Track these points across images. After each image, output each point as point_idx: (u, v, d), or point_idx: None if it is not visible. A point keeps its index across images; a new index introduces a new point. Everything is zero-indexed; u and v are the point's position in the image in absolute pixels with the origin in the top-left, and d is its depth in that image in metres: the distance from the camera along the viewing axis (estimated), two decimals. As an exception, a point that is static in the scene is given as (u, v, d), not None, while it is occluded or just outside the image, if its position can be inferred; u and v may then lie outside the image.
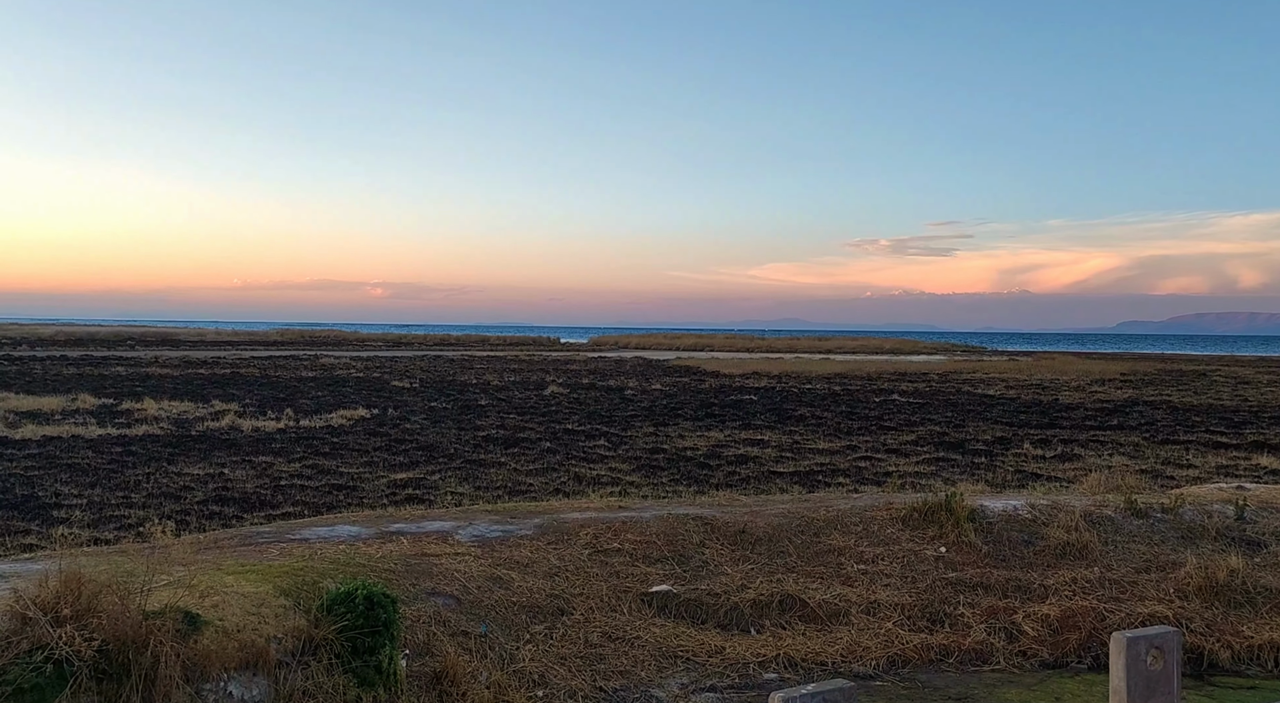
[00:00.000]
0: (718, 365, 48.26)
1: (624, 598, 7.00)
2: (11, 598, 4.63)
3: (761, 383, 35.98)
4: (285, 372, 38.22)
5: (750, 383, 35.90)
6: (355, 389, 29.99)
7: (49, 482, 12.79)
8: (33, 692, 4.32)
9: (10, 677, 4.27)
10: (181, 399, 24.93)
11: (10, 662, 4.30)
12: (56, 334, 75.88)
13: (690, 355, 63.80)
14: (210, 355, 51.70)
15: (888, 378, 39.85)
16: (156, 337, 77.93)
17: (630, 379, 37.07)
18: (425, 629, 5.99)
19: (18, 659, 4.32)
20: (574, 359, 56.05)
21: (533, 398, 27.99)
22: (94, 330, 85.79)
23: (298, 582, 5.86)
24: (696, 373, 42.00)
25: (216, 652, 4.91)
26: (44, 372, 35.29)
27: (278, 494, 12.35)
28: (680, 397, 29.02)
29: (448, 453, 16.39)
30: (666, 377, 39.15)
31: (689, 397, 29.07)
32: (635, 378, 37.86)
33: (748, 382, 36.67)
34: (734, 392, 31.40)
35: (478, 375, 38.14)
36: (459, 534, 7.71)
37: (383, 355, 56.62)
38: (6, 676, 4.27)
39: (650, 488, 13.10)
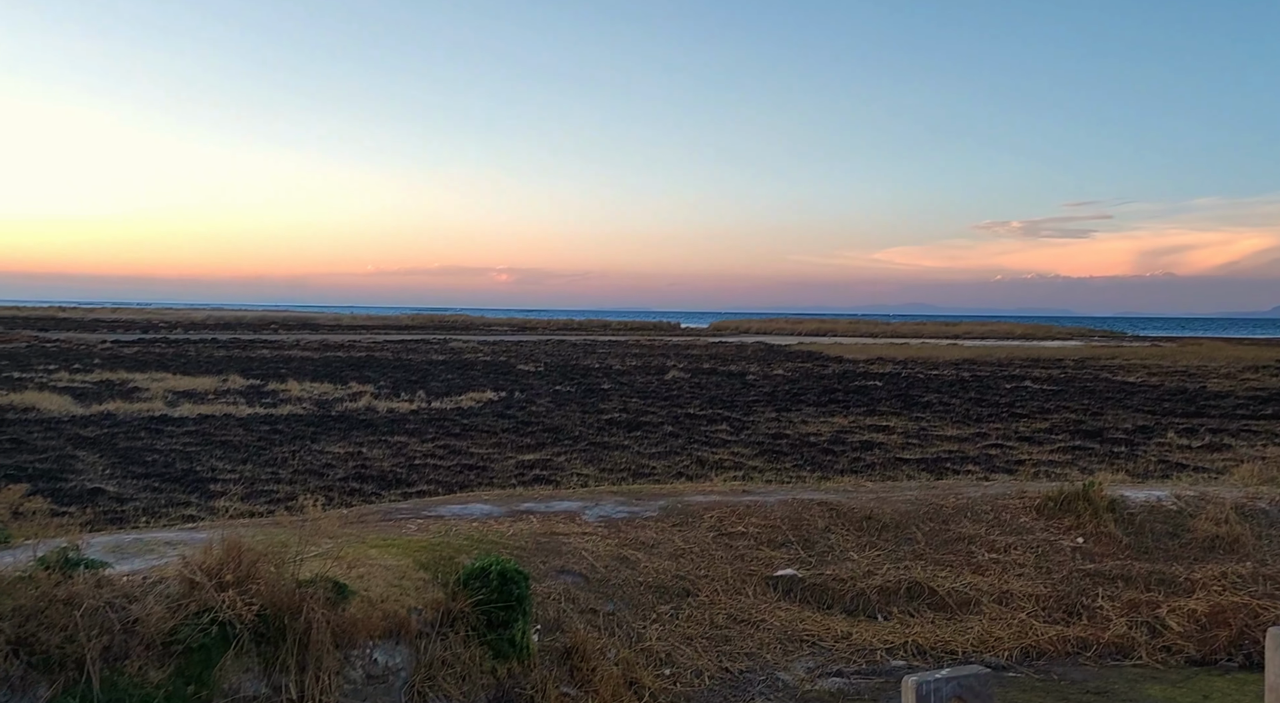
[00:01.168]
0: (841, 350, 47.57)
1: (749, 581, 7.03)
2: (180, 564, 4.98)
3: (886, 369, 35.30)
4: (416, 355, 39.56)
5: (874, 368, 35.26)
6: (483, 373, 30.82)
7: (205, 457, 13.64)
8: (200, 650, 4.65)
9: (181, 636, 4.61)
10: (321, 381, 26.11)
11: (181, 622, 4.64)
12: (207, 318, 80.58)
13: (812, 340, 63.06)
14: (346, 339, 53.96)
15: (1019, 364, 38.50)
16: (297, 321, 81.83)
17: (751, 364, 36.91)
18: (555, 606, 6.16)
19: (187, 620, 4.66)
20: (694, 344, 56.14)
21: (654, 382, 28.19)
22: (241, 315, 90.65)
23: (435, 556, 6.10)
24: (819, 358, 41.51)
25: (363, 620, 5.18)
26: (197, 354, 37.51)
27: (412, 473, 12.84)
28: (802, 382, 28.75)
29: (573, 435, 16.71)
30: (788, 362, 38.82)
31: (811, 382, 28.78)
32: (756, 363, 37.68)
33: (872, 367, 36.02)
34: (858, 377, 30.91)
35: (600, 360, 38.64)
36: (586, 514, 7.87)
37: (508, 340, 57.95)
38: (178, 635, 4.61)
39: (773, 473, 13.06)
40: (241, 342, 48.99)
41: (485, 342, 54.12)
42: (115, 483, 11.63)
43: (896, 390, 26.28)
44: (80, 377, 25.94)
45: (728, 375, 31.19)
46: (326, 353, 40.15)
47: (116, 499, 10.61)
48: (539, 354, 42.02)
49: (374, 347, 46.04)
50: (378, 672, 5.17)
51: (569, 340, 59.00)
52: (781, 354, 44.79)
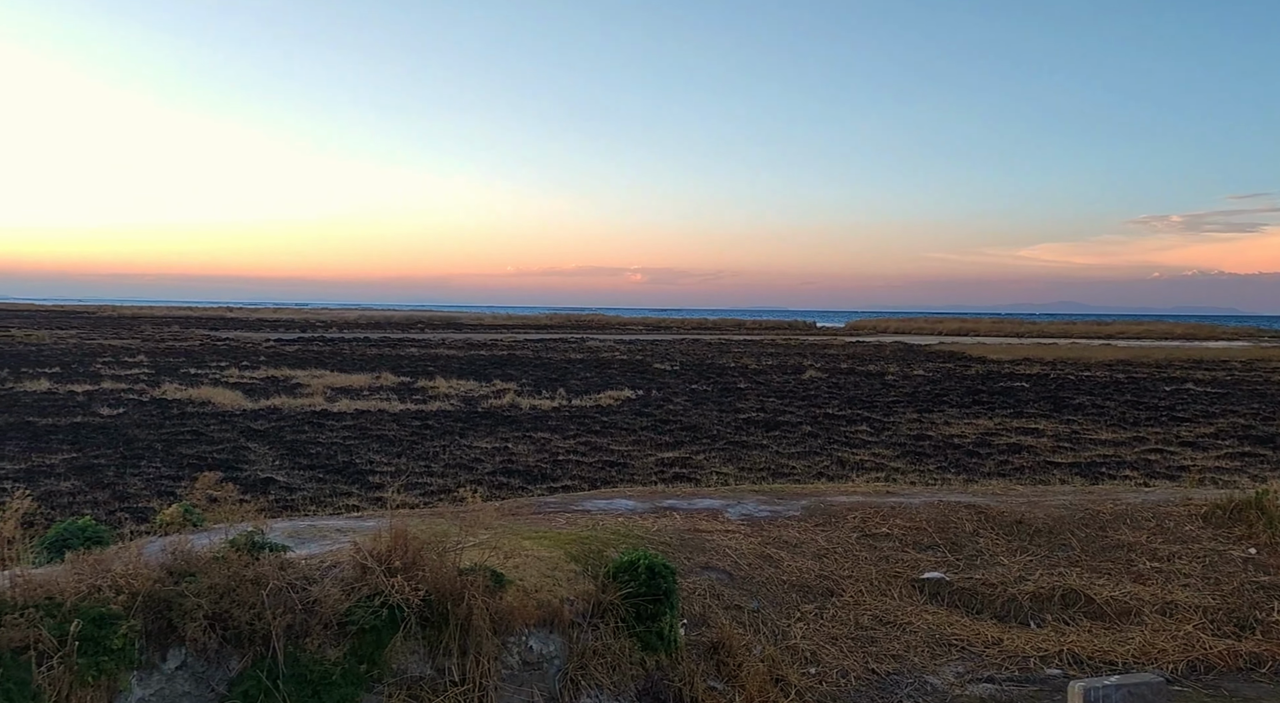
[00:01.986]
0: (984, 351, 46.04)
1: (894, 583, 6.97)
2: (352, 550, 5.31)
3: (1034, 370, 33.99)
4: (555, 354, 40.43)
5: (1021, 369, 34.00)
6: (620, 371, 31.26)
7: (363, 450, 14.37)
8: (372, 632, 4.95)
9: (355, 617, 4.92)
10: (467, 378, 27.04)
11: (354, 604, 4.96)
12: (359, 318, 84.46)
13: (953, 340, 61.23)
14: (489, 338, 55.60)
15: (1180, 365, 36.41)
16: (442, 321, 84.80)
17: (890, 364, 36.17)
18: (701, 601, 6.26)
19: (360, 603, 4.98)
20: (831, 344, 55.36)
21: (791, 382, 27.99)
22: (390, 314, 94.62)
23: (584, 549, 6.29)
24: (961, 358, 40.30)
25: (518, 609, 5.40)
26: (351, 352, 39.39)
27: (556, 468, 13.19)
28: (944, 383, 28.00)
29: (710, 434, 16.80)
30: (928, 362, 37.86)
31: (954, 383, 28.00)
32: (895, 363, 36.90)
33: (1018, 368, 34.74)
34: (1003, 378, 29.88)
35: (735, 359, 38.59)
36: (728, 512, 7.95)
37: (644, 339, 58.49)
38: (352, 616, 4.93)
39: (916, 474, 12.82)
40: (391, 340, 51.12)
41: (621, 341, 54.80)
42: (284, 473, 12.40)
43: (1045, 392, 25.29)
44: (248, 373, 27.65)
45: (866, 375, 30.66)
46: (470, 351, 41.49)
47: (286, 488, 11.32)
48: (674, 353, 42.29)
49: (515, 345, 47.30)
50: (533, 659, 5.38)
51: (703, 340, 59.12)
52: (921, 354, 43.68)
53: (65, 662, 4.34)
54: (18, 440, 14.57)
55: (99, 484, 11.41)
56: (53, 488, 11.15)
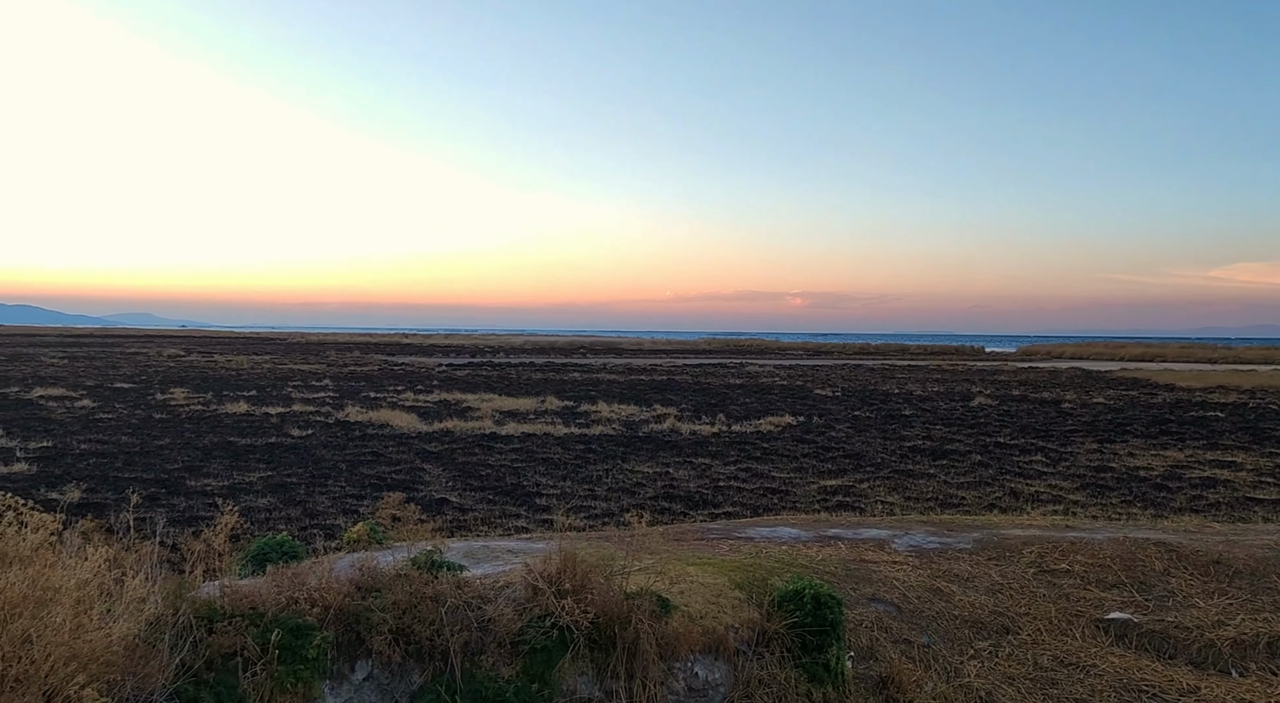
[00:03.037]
0: (1172, 377, 43.15)
1: (1075, 622, 6.63)
2: (524, 571, 5.50)
3: (1230, 398, 31.59)
4: (714, 379, 40.49)
5: (1215, 398, 31.67)
6: (780, 397, 30.99)
7: (530, 473, 14.81)
8: (543, 652, 5.11)
9: (527, 637, 5.10)
10: (627, 403, 27.44)
11: (526, 624, 5.13)
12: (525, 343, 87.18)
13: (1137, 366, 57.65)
14: (648, 363, 56.24)
15: (1404, 392, 33.06)
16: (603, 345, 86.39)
17: (1067, 391, 34.40)
18: (868, 634, 6.14)
19: (531, 623, 5.15)
20: (1001, 369, 53.14)
21: (959, 409, 27.04)
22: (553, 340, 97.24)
23: (748, 577, 6.29)
24: (1146, 385, 37.90)
25: (684, 634, 5.45)
26: (518, 376, 40.66)
27: (717, 494, 13.21)
28: (1127, 411, 26.41)
29: (874, 462, 16.43)
30: (1109, 389, 35.78)
31: (1138, 411, 26.36)
32: (1072, 390, 35.06)
33: (1211, 396, 32.37)
34: (1194, 407, 27.91)
35: (899, 385, 37.61)
36: (895, 543, 7.76)
37: (804, 364, 57.81)
38: (524, 636, 5.10)
39: (1098, 508, 12.15)
40: (555, 365, 52.47)
41: (781, 366, 54.34)
42: (457, 494, 12.92)
43: (1243, 423, 23.46)
44: (423, 397, 28.97)
45: (1040, 403, 29.27)
46: (631, 376, 42.08)
47: (459, 509, 11.79)
48: (836, 379, 41.58)
49: (674, 370, 47.64)
50: (698, 685, 5.41)
51: (866, 365, 57.87)
52: (1101, 381, 41.34)
53: (267, 668, 4.67)
54: (221, 459, 15.77)
55: (291, 502, 12.21)
56: (251, 504, 12.00)
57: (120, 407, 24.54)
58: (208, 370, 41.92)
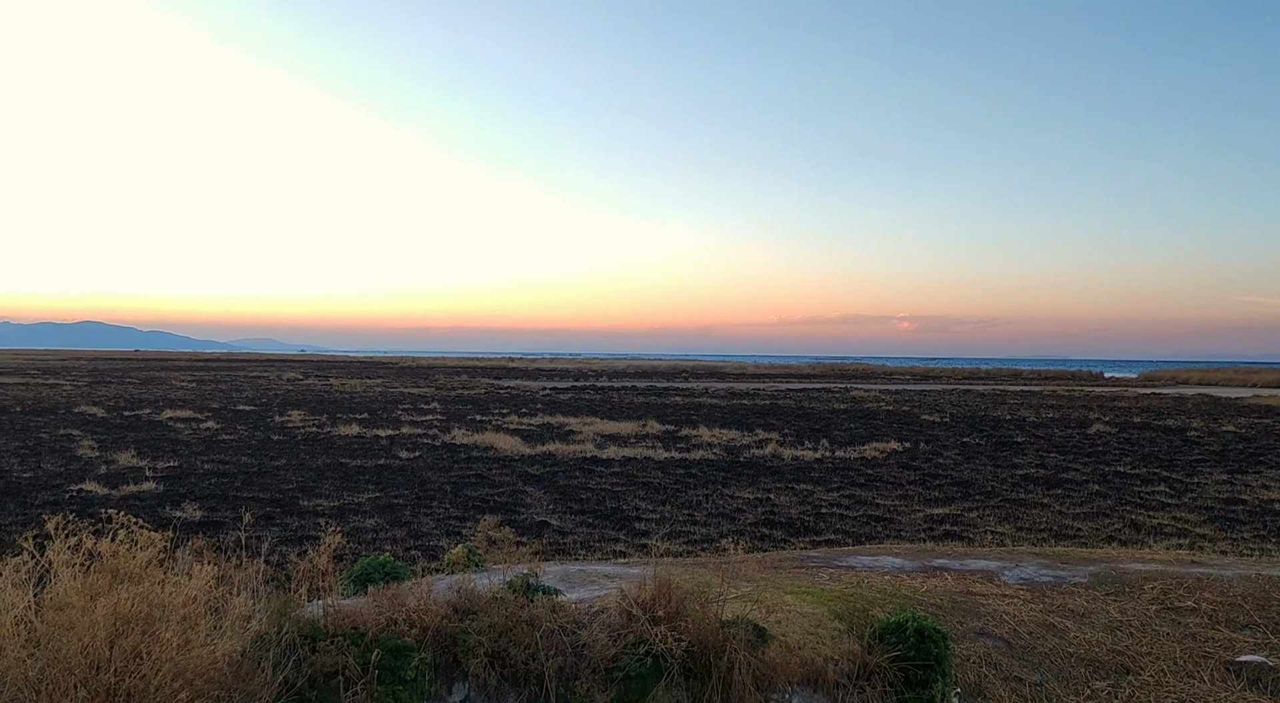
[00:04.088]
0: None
1: (1202, 664, 6.23)
2: (618, 596, 5.47)
3: (1376, 424, 29.53)
4: (818, 404, 39.91)
5: (1360, 423, 29.64)
6: (886, 422, 30.33)
7: (629, 497, 14.81)
8: (637, 679, 5.06)
9: (621, 663, 5.05)
10: (729, 428, 27.25)
11: (621, 651, 5.09)
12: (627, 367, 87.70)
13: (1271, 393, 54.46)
14: (750, 387, 55.84)
15: None
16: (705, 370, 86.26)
17: (1193, 419, 32.71)
18: (975, 670, 5.89)
19: (625, 650, 5.10)
20: (1121, 395, 50.92)
21: (1075, 436, 25.98)
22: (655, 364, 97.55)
23: (848, 607, 6.11)
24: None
25: (781, 665, 5.32)
26: (620, 400, 40.87)
27: (819, 521, 12.95)
28: (1262, 441, 24.93)
29: (984, 490, 15.89)
30: (1241, 417, 33.88)
31: (1273, 441, 24.86)
32: (1199, 418, 33.32)
33: (1356, 422, 30.32)
34: (1337, 434, 26.18)
35: (1011, 411, 36.39)
36: (1005, 575, 7.46)
37: (911, 389, 56.52)
38: (618, 662, 5.06)
39: (1228, 542, 11.46)
40: (657, 389, 52.56)
41: (886, 390, 53.25)
42: (557, 517, 13.01)
43: (1392, 451, 21.87)
44: (526, 420, 29.37)
45: (1164, 430, 27.89)
46: (733, 400, 41.82)
47: (559, 532, 11.86)
48: (944, 404, 40.49)
49: (777, 395, 47.16)
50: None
51: (975, 390, 56.24)
52: (1231, 408, 39.20)
53: (367, 688, 4.75)
54: (333, 479, 16.26)
55: (397, 523, 12.48)
56: (359, 524, 12.31)
57: (241, 428, 25.59)
58: (323, 394, 43.43)
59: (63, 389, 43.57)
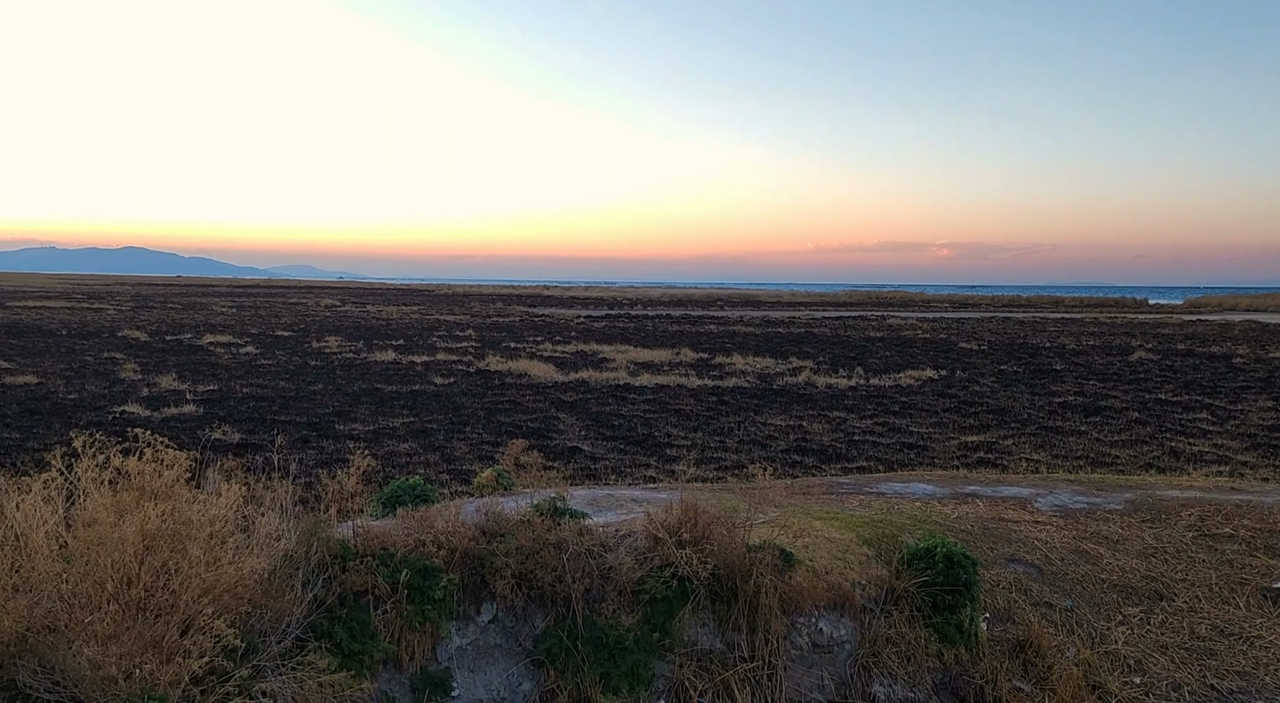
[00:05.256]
0: (1363, 329, 39.64)
1: (1239, 590, 6.14)
2: (645, 520, 5.46)
3: None
4: (854, 332, 39.60)
5: None
6: (922, 350, 30.05)
7: (661, 424, 14.84)
8: (663, 602, 5.07)
9: (647, 586, 5.06)
10: (763, 356, 27.14)
11: (647, 574, 5.10)
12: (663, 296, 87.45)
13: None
14: (786, 315, 55.51)
15: None
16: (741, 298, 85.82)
17: (1240, 345, 32.05)
18: (1005, 595, 5.85)
19: (651, 573, 5.11)
20: (1165, 322, 50.00)
21: (1115, 364, 25.59)
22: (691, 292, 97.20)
23: (877, 533, 6.07)
24: (1332, 338, 34.93)
25: (807, 589, 5.31)
26: (654, 328, 40.83)
27: (851, 449, 12.90)
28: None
29: (1020, 418, 15.72)
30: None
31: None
32: (1246, 344, 32.64)
33: None
34: (1388, 362, 25.55)
35: (1051, 338, 35.88)
36: (1038, 502, 7.37)
37: (948, 317, 55.88)
38: (644, 585, 5.07)
39: (1270, 470, 11.26)
40: (691, 317, 52.42)
41: (924, 319, 52.68)
42: (589, 443, 13.07)
43: None
44: (560, 347, 29.45)
45: (1208, 357, 27.38)
46: (768, 329, 41.61)
47: (590, 457, 11.92)
48: (982, 332, 40.01)
49: (812, 323, 46.85)
50: (823, 641, 5.27)
51: (1015, 317, 55.48)
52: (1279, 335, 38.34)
53: (397, 607, 4.80)
54: (368, 405, 16.43)
55: (430, 447, 12.61)
56: (393, 448, 12.45)
57: (280, 353, 25.90)
58: (360, 320, 43.79)
59: (107, 314, 44.30)
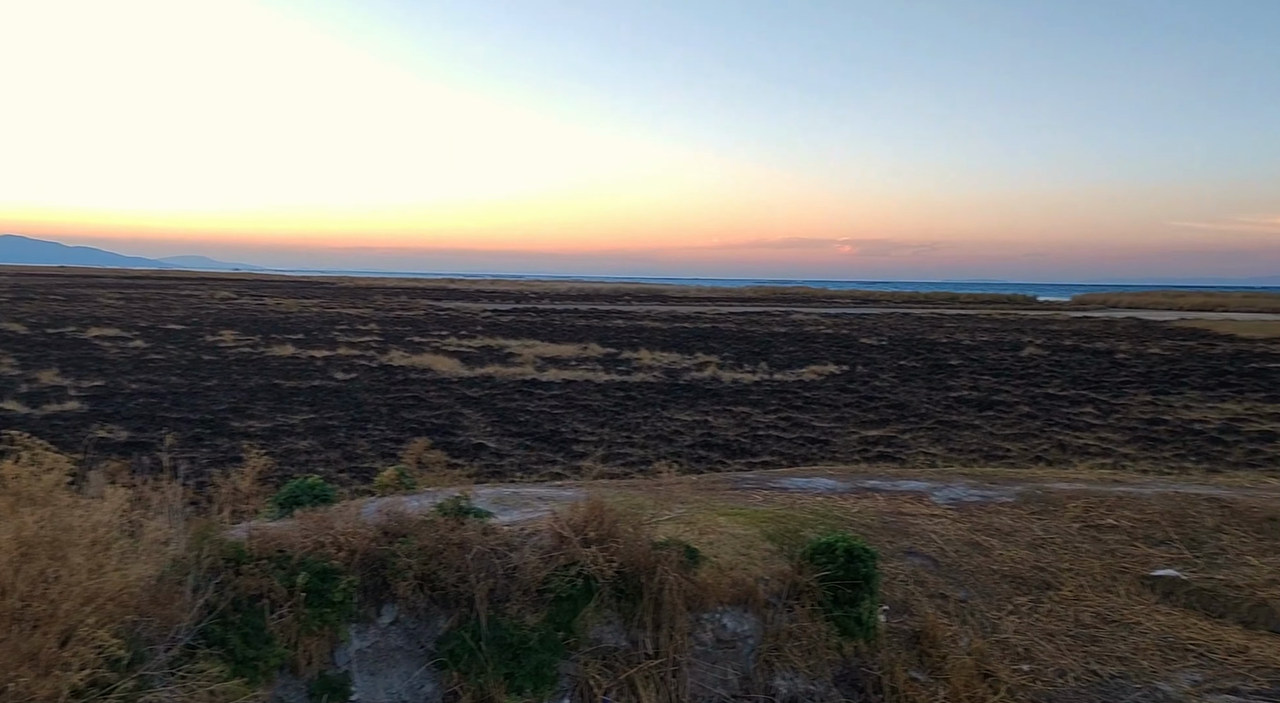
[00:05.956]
0: (1233, 328, 41.95)
1: (1120, 579, 6.43)
2: (551, 519, 5.43)
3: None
4: (759, 327, 40.17)
5: (1278, 349, 30.71)
6: (825, 346, 30.66)
7: (568, 419, 14.79)
8: (568, 600, 5.05)
9: (552, 585, 5.03)
10: (670, 350, 27.31)
11: (552, 573, 5.06)
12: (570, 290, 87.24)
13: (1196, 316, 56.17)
14: (693, 311, 55.96)
15: None
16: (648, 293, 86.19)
17: (1121, 341, 33.60)
18: (903, 587, 6.00)
19: (557, 571, 5.08)
20: (1054, 319, 52.10)
21: (1008, 359, 26.54)
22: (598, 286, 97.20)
23: (780, 528, 6.16)
24: (1205, 336, 36.88)
25: (712, 585, 5.35)
26: (561, 323, 40.69)
27: (756, 443, 13.08)
28: (1184, 362, 25.71)
29: (918, 412, 16.17)
30: (1166, 339, 34.88)
31: (1196, 363, 25.65)
32: (1127, 340, 34.24)
33: (1275, 347, 31.40)
34: (1255, 358, 27.09)
35: (948, 334, 37.01)
36: (934, 496, 7.58)
37: (850, 312, 57.16)
38: (549, 584, 5.04)
39: (1149, 462, 11.83)
40: (599, 312, 52.41)
41: (827, 314, 53.78)
42: (494, 439, 12.94)
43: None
44: (466, 342, 29.10)
45: (1093, 353, 28.62)
46: (674, 324, 41.90)
47: (495, 454, 11.81)
48: (882, 328, 41.04)
49: (718, 318, 47.35)
50: (726, 637, 5.32)
51: (914, 313, 57.08)
52: (1158, 331, 40.34)
53: (294, 611, 4.67)
54: (265, 401, 15.96)
55: (331, 444, 12.31)
56: (292, 446, 12.12)
57: (171, 348, 24.96)
58: (257, 313, 42.51)
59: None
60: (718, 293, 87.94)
